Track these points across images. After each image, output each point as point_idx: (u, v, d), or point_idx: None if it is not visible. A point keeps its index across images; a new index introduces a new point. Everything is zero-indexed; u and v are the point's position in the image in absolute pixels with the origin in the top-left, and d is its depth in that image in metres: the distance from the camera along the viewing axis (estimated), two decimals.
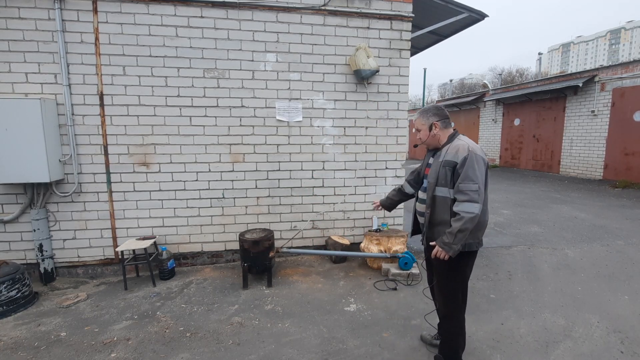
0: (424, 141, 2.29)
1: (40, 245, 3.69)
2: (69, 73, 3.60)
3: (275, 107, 4.11)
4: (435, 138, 2.23)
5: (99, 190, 3.83)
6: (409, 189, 2.64)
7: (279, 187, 4.27)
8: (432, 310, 2.64)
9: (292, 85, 4.12)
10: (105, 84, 3.70)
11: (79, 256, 3.90)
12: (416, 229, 2.48)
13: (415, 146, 2.54)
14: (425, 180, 2.30)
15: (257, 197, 4.24)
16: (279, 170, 4.24)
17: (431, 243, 2.15)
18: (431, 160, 2.27)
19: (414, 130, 2.33)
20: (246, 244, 3.60)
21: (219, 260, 4.28)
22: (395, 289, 3.54)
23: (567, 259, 4.32)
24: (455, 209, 2.01)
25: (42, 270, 3.73)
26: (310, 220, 4.40)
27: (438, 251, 2.06)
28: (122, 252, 3.72)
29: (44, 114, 3.40)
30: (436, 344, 2.53)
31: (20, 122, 3.31)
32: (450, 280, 2.19)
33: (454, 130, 2.24)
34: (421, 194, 2.33)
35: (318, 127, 4.26)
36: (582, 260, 4.29)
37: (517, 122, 14.06)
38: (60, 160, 3.64)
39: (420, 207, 2.33)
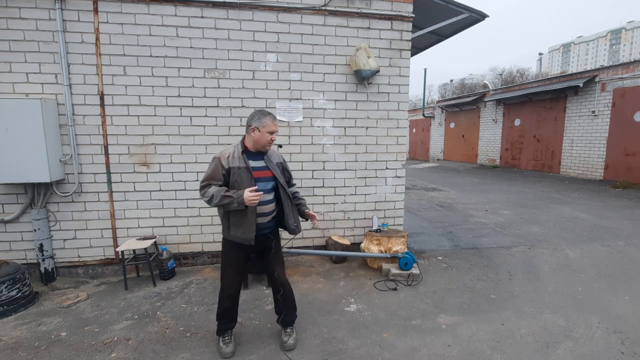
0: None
1: (41, 245, 3.69)
2: (69, 73, 3.60)
3: (275, 107, 4.10)
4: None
5: (100, 190, 3.83)
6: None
7: None
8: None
9: (292, 85, 4.12)
10: (106, 84, 3.70)
11: (79, 256, 3.91)
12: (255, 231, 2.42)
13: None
14: (264, 183, 2.43)
15: None
16: None
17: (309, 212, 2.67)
18: (261, 164, 2.46)
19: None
20: None
21: (219, 260, 4.28)
22: (395, 289, 3.54)
23: (567, 260, 4.32)
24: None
25: (42, 270, 3.73)
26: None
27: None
28: (122, 252, 3.72)
29: (45, 114, 3.40)
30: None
31: (21, 122, 3.31)
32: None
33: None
34: (268, 196, 2.45)
35: (318, 127, 4.26)
36: (583, 260, 4.28)
37: (517, 122, 14.06)
38: (60, 160, 3.64)
39: (269, 208, 2.48)
